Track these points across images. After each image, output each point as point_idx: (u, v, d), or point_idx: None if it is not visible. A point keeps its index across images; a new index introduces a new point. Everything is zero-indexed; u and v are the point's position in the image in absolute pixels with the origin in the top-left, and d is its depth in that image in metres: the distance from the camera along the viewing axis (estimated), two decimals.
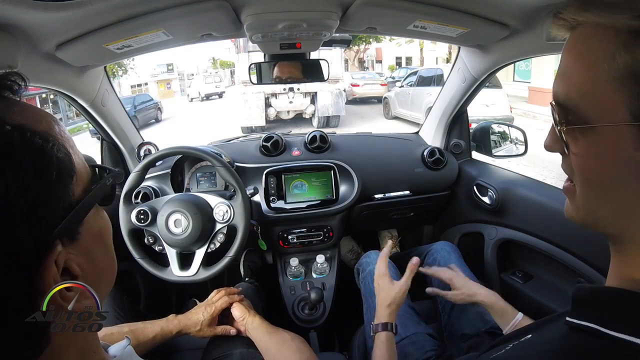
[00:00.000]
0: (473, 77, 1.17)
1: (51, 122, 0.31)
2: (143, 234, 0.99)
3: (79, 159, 0.33)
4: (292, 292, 1.26)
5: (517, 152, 1.41)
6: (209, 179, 1.30)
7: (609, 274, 0.35)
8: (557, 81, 0.34)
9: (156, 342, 0.78)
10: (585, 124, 0.31)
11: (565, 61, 0.33)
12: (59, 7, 0.59)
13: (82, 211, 0.32)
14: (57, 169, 0.29)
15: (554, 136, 0.35)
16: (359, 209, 1.32)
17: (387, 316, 0.79)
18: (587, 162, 0.32)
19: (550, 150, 0.36)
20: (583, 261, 0.91)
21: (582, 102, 0.31)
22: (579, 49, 0.32)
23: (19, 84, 0.31)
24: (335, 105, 7.55)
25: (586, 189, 0.33)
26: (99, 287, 0.32)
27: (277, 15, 0.80)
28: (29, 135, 0.27)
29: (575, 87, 0.32)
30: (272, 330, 0.79)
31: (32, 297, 0.27)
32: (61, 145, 0.30)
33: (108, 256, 0.37)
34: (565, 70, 0.33)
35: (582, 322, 0.31)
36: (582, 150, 0.32)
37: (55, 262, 0.28)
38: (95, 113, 1.14)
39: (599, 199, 0.33)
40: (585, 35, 0.31)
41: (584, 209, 0.35)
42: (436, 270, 0.97)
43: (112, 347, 0.41)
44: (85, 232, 0.32)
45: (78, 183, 0.32)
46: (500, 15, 0.82)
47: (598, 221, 0.34)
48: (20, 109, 0.29)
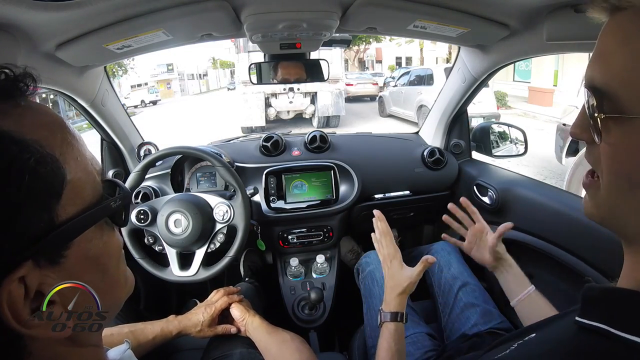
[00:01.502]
0: (473, 77, 1.17)
1: (52, 130, 0.29)
2: (143, 234, 0.99)
3: (84, 173, 0.30)
4: (292, 292, 1.26)
5: (517, 152, 1.41)
6: (209, 179, 1.30)
7: (621, 275, 0.34)
8: (593, 64, 0.32)
9: (156, 343, 0.78)
10: (624, 114, 0.29)
11: (605, 45, 0.31)
12: (59, 7, 0.58)
13: (69, 233, 0.29)
14: (31, 185, 0.25)
15: (583, 122, 0.33)
16: (359, 209, 1.32)
17: (397, 305, 0.71)
18: (619, 154, 0.30)
19: (577, 137, 0.34)
20: (583, 261, 0.90)
21: (623, 91, 0.29)
22: (625, 33, 0.29)
23: (29, 86, 0.29)
24: (336, 105, 7.55)
25: (613, 181, 0.31)
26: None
27: (277, 15, 0.80)
28: (5, 143, 0.25)
29: (616, 73, 0.29)
30: (272, 330, 0.79)
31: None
32: (50, 158, 0.27)
33: (106, 283, 0.33)
34: (605, 54, 0.30)
35: (592, 322, 0.31)
36: (615, 140, 0.30)
37: (24, 284, 0.26)
38: (95, 113, 1.14)
39: (624, 194, 0.31)
40: (632, 18, 0.29)
41: (606, 205, 0.33)
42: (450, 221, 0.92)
43: (111, 350, 0.41)
44: (74, 255, 0.29)
45: (72, 201, 0.29)
46: (500, 15, 0.82)
47: (619, 219, 0.32)
48: (19, 114, 0.28)
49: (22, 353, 0.27)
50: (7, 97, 0.28)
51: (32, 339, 0.27)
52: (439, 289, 1.03)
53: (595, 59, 0.32)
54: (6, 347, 0.26)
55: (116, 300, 0.36)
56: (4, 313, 0.25)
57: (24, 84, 0.29)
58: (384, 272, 0.78)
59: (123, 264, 0.37)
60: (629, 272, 0.33)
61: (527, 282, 0.76)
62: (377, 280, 1.02)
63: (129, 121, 1.31)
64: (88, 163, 0.32)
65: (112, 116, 1.20)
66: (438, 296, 1.03)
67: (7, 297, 0.25)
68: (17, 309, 0.26)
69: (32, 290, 0.27)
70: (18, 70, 0.29)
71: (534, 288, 0.74)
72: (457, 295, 0.97)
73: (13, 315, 0.26)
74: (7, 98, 0.28)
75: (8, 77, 0.29)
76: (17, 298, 0.26)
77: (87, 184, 0.31)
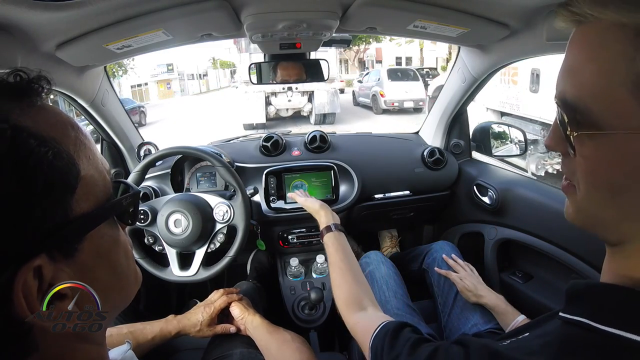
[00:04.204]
0: (473, 77, 1.17)
1: (66, 129, 0.30)
2: (143, 234, 0.99)
3: (96, 171, 0.32)
4: (292, 292, 1.26)
5: (517, 152, 1.42)
6: (209, 179, 1.30)
7: (602, 272, 0.35)
8: (563, 78, 0.32)
9: (155, 343, 0.78)
10: (597, 128, 0.29)
11: (574, 58, 0.31)
12: (59, 7, 0.58)
13: (82, 228, 0.30)
14: (48, 176, 0.27)
15: (556, 135, 0.33)
16: (359, 209, 1.32)
17: (325, 221, 0.85)
18: (594, 166, 0.30)
19: (552, 149, 0.34)
20: (583, 261, 0.90)
21: (594, 105, 0.29)
22: (592, 47, 0.29)
23: (44, 87, 0.30)
24: (331, 103, 7.94)
25: (590, 192, 0.32)
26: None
27: (277, 15, 0.80)
28: (24, 136, 0.26)
29: (586, 87, 0.29)
30: (273, 330, 0.79)
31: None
32: (65, 154, 0.28)
33: (115, 278, 0.34)
34: (575, 68, 0.31)
35: (574, 317, 0.31)
36: (589, 154, 0.30)
37: (41, 276, 0.27)
38: (95, 113, 1.14)
39: (603, 202, 0.31)
40: (599, 32, 0.29)
41: (585, 212, 0.33)
42: (448, 273, 1.02)
43: (112, 351, 0.41)
44: (87, 250, 0.30)
45: (86, 197, 0.30)
46: (500, 15, 0.82)
47: (599, 224, 0.33)
48: (35, 113, 0.29)
49: (30, 347, 0.28)
50: (23, 97, 0.29)
51: (41, 333, 0.28)
52: (438, 289, 1.03)
53: (565, 73, 0.32)
54: (16, 339, 0.27)
55: (126, 296, 0.37)
56: (19, 302, 0.26)
57: (38, 85, 0.30)
58: (312, 212, 0.94)
59: (132, 262, 0.38)
60: (609, 269, 0.34)
61: (515, 313, 0.83)
62: (377, 280, 1.02)
63: (129, 121, 1.31)
64: (99, 162, 0.33)
65: (112, 116, 1.20)
66: (438, 296, 1.03)
67: (23, 286, 0.26)
68: (32, 299, 0.26)
69: (45, 283, 0.27)
70: (33, 73, 0.31)
71: (523, 317, 0.81)
72: (457, 295, 0.97)
73: (27, 305, 0.26)
74: (23, 98, 0.29)
75: (23, 79, 0.30)
76: (32, 289, 0.26)
77: (98, 181, 0.32)
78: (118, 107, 1.23)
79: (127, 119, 1.29)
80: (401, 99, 8.85)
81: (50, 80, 0.31)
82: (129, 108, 12.68)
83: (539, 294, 1.05)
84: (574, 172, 0.33)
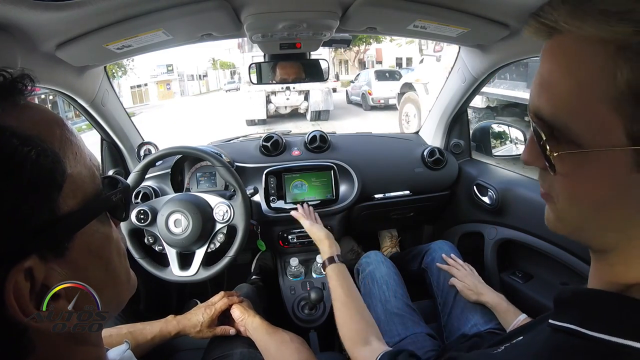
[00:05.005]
0: (473, 77, 1.17)
1: (51, 127, 0.30)
2: (143, 233, 0.99)
3: (84, 168, 0.31)
4: (292, 292, 1.26)
5: (517, 152, 1.41)
6: (209, 179, 1.30)
7: (589, 277, 0.35)
8: (538, 94, 0.30)
9: (155, 343, 0.78)
10: (576, 146, 0.28)
11: (549, 73, 0.29)
12: (59, 7, 0.59)
13: (72, 225, 0.29)
14: (32, 175, 0.26)
15: (533, 150, 0.32)
16: (359, 209, 1.32)
17: (329, 251, 0.89)
18: (575, 184, 0.30)
19: (530, 164, 0.33)
20: (583, 261, 0.90)
21: (573, 123, 0.28)
22: (568, 60, 0.28)
23: (27, 86, 0.30)
24: (325, 101, 8.71)
25: (571, 206, 0.31)
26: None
27: (277, 15, 0.80)
28: (7, 136, 0.26)
29: (564, 103, 0.28)
30: (272, 331, 0.79)
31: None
32: (50, 152, 0.28)
33: (109, 276, 0.34)
34: (550, 83, 0.29)
35: (563, 323, 0.31)
36: (569, 171, 0.29)
37: (32, 276, 0.26)
38: (95, 113, 1.14)
39: (584, 216, 0.31)
40: (575, 45, 0.27)
41: (567, 221, 0.33)
42: (449, 268, 1.03)
43: (111, 351, 0.41)
44: (79, 247, 0.30)
45: (74, 194, 0.30)
46: (500, 15, 0.82)
47: (582, 233, 0.33)
48: (19, 112, 0.28)
49: (26, 349, 0.27)
50: (6, 96, 0.29)
51: (37, 334, 0.28)
52: (438, 289, 1.03)
53: (540, 87, 0.30)
54: (11, 341, 0.27)
55: (118, 296, 0.36)
56: (11, 304, 0.25)
57: (22, 84, 0.30)
58: (314, 239, 0.98)
59: (125, 260, 0.37)
60: (595, 275, 0.34)
61: (517, 313, 0.83)
62: (377, 280, 1.02)
63: (129, 121, 1.31)
64: (87, 159, 0.32)
65: (112, 116, 1.20)
66: (438, 296, 1.03)
67: (14, 288, 0.26)
68: (24, 301, 0.26)
69: (38, 283, 0.27)
70: (16, 72, 0.30)
71: (524, 316, 0.81)
72: (456, 295, 0.97)
73: (20, 307, 0.26)
74: (6, 97, 0.29)
75: (6, 78, 0.29)
76: (24, 290, 0.26)
77: (86, 177, 0.31)
78: (118, 107, 1.23)
79: (127, 118, 1.29)
80: (387, 96, 9.78)
81: (34, 78, 0.31)
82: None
83: (539, 294, 1.05)
84: (552, 186, 0.32)
